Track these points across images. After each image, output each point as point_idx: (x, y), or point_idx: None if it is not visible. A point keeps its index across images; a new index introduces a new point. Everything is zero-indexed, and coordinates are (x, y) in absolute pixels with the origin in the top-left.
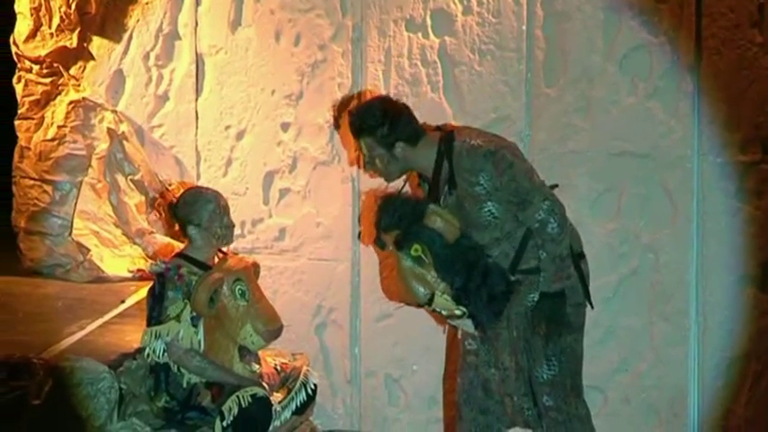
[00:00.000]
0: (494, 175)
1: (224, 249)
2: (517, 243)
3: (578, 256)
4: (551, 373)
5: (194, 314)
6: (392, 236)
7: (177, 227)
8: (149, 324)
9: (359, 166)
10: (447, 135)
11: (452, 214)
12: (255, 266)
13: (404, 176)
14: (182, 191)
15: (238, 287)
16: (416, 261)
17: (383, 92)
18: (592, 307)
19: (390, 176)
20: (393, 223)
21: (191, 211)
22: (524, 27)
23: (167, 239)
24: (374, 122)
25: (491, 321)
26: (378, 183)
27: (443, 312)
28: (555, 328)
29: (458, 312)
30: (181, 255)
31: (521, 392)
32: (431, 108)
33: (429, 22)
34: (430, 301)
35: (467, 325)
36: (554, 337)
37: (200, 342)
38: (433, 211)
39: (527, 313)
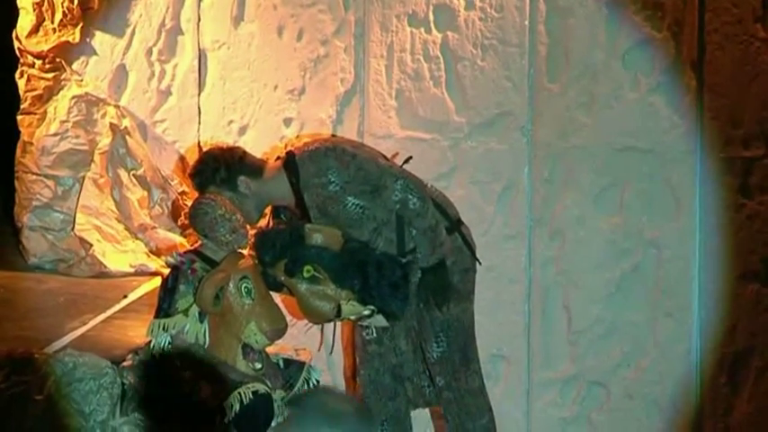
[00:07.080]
0: (340, 168)
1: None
2: (395, 226)
3: (457, 222)
4: (440, 350)
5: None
6: (280, 267)
7: (180, 223)
8: (157, 315)
9: None
10: (286, 157)
11: (328, 225)
12: None
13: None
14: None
15: (244, 285)
16: (312, 281)
17: (385, 86)
18: (479, 263)
19: (250, 216)
20: (277, 255)
21: (193, 223)
22: (527, 22)
23: (170, 235)
24: (211, 171)
25: (402, 308)
26: None
27: (352, 317)
28: (441, 299)
29: (366, 312)
30: (195, 251)
31: (420, 371)
32: (433, 104)
33: (431, 17)
34: (338, 313)
35: (379, 321)
36: (442, 308)
37: (205, 334)
38: (311, 229)
39: (415, 293)
